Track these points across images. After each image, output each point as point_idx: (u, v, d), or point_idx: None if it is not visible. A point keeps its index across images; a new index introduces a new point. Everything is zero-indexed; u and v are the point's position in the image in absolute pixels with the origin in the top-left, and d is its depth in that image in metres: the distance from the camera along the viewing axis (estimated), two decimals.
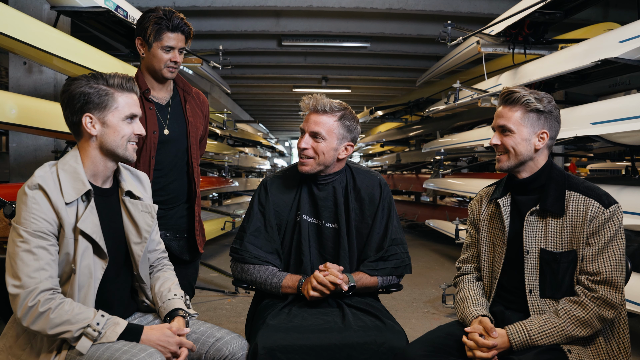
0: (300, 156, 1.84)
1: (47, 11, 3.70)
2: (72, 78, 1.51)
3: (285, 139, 25.64)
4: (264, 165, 11.14)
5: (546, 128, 1.61)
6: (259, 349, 1.54)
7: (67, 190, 1.43)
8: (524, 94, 1.60)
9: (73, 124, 1.50)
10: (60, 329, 1.35)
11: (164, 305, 1.59)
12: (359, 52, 7.21)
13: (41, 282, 1.37)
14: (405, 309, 4.04)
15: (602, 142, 3.10)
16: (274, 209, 1.88)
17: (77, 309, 1.38)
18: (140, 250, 1.58)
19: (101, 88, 1.47)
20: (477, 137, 5.02)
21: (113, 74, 1.51)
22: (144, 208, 1.61)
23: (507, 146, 1.62)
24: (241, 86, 9.98)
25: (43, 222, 1.39)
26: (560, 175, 1.63)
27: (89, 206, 1.46)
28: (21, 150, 3.87)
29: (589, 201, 1.55)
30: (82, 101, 1.46)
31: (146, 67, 2.09)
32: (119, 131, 1.49)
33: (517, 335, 1.52)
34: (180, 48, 2.06)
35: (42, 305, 1.35)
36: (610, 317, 1.52)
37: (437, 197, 8.63)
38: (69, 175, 1.45)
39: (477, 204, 1.82)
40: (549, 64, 3.48)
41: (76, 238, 1.43)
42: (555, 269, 1.57)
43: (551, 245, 1.58)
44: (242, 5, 5.28)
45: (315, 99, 1.81)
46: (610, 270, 1.51)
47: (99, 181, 1.54)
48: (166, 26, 2.00)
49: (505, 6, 4.80)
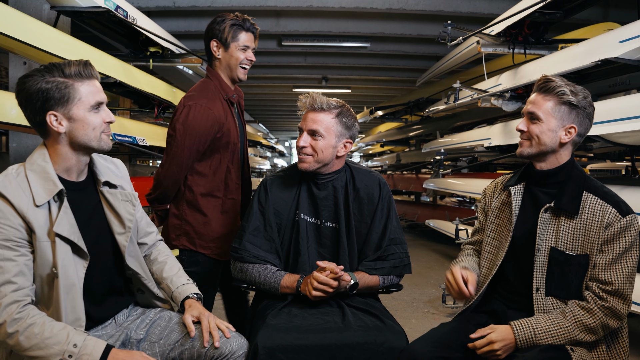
0: (299, 154, 1.84)
1: (47, 11, 3.69)
2: (25, 75, 1.40)
3: (285, 139, 25.63)
4: (264, 165, 11.15)
5: (575, 123, 1.56)
6: (259, 349, 1.54)
7: (37, 192, 1.36)
8: (560, 84, 1.55)
9: (37, 124, 1.41)
10: (33, 353, 1.29)
11: (178, 290, 1.60)
12: (359, 52, 7.20)
13: (5, 296, 1.30)
14: (405, 309, 4.04)
15: (602, 142, 3.09)
16: (273, 208, 1.88)
17: (48, 332, 1.30)
18: (124, 240, 1.53)
19: (59, 81, 1.37)
20: (477, 137, 5.02)
21: (68, 62, 1.40)
22: (124, 197, 1.55)
23: (532, 133, 1.58)
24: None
25: (8, 229, 1.32)
26: (580, 176, 1.60)
27: (62, 206, 1.39)
28: (21, 150, 3.87)
29: (606, 207, 1.52)
30: (42, 98, 1.36)
31: (223, 68, 2.16)
32: (88, 124, 1.41)
33: (522, 332, 1.50)
34: (253, 48, 2.17)
35: (9, 325, 1.29)
36: (615, 327, 1.51)
37: (437, 197, 8.62)
38: (38, 175, 1.38)
39: (490, 191, 1.80)
40: (549, 64, 3.48)
41: (53, 241, 1.36)
42: (565, 270, 1.55)
43: (562, 245, 1.56)
44: (242, 5, 5.27)
45: (312, 97, 1.81)
46: (623, 282, 1.49)
47: (73, 176, 1.47)
48: (242, 26, 2.12)
49: (505, 6, 4.80)
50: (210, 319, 1.52)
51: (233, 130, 2.13)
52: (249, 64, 2.16)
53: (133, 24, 3.68)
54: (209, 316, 1.53)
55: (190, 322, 1.51)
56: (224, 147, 2.11)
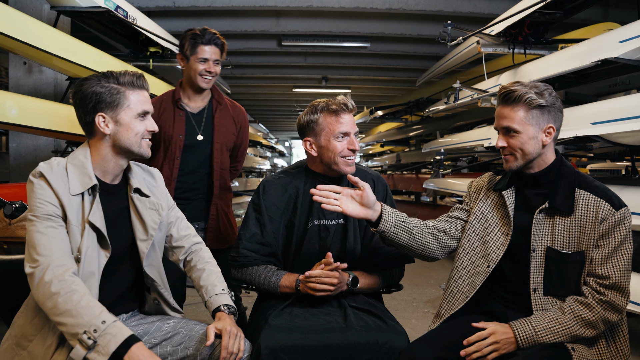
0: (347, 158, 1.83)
1: (47, 11, 3.70)
2: (83, 78, 1.52)
3: (285, 139, 25.63)
4: (264, 165, 11.13)
5: (551, 122, 1.57)
6: (261, 349, 1.54)
7: (73, 183, 1.45)
8: (524, 91, 1.54)
9: (86, 124, 1.52)
10: (63, 318, 1.31)
11: (210, 300, 1.59)
12: (359, 52, 7.20)
13: (53, 257, 1.37)
14: (405, 309, 4.04)
15: (602, 142, 3.09)
16: (271, 212, 1.88)
17: (84, 302, 1.33)
18: (145, 247, 1.57)
19: (112, 87, 1.48)
20: (477, 137, 5.02)
21: (123, 71, 1.51)
22: (152, 205, 1.61)
23: (514, 147, 1.58)
24: (241, 86, 9.97)
25: (50, 205, 1.41)
26: (570, 173, 1.60)
27: (95, 201, 1.47)
28: (21, 150, 3.87)
29: (600, 202, 1.52)
30: (95, 101, 1.47)
31: (186, 78, 2.38)
32: (132, 129, 1.51)
33: (522, 331, 1.50)
34: (215, 60, 2.32)
35: (54, 285, 1.33)
36: (615, 321, 1.51)
37: (437, 197, 8.62)
38: (77, 169, 1.48)
39: (476, 188, 1.78)
40: (549, 64, 3.48)
41: (83, 228, 1.44)
42: (562, 268, 1.55)
43: (558, 244, 1.56)
44: (242, 5, 5.28)
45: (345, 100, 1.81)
46: (620, 275, 1.50)
47: (108, 178, 1.55)
48: (200, 40, 2.28)
49: (505, 6, 4.80)
50: (231, 339, 1.48)
51: (167, 128, 2.32)
52: (208, 75, 2.33)
53: (133, 24, 3.68)
54: (230, 332, 1.48)
55: (211, 333, 1.48)
56: (158, 142, 2.33)
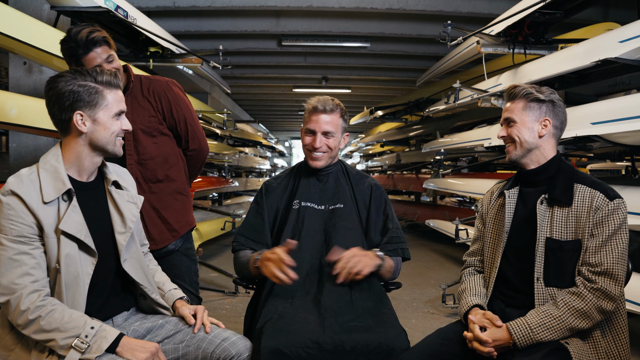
0: (312, 153, 1.97)
1: (47, 11, 3.69)
2: (56, 75, 1.49)
3: (285, 139, 25.63)
4: (264, 165, 11.14)
5: (548, 116, 1.68)
6: (261, 350, 1.54)
7: (46, 190, 1.43)
8: (525, 87, 1.70)
9: (61, 121, 1.49)
10: (48, 336, 1.36)
11: (171, 292, 1.72)
12: (359, 52, 7.21)
13: (26, 287, 1.37)
14: (405, 309, 4.04)
15: (602, 142, 3.10)
16: (269, 203, 2.01)
17: (67, 317, 1.38)
18: (123, 239, 1.57)
19: (90, 85, 1.47)
20: (477, 137, 5.02)
21: (99, 70, 1.51)
22: (130, 198, 1.63)
23: (512, 135, 1.70)
24: (241, 86, 9.98)
25: (22, 226, 1.39)
26: (568, 169, 1.68)
27: (70, 205, 1.45)
28: (21, 150, 3.87)
29: (595, 193, 1.59)
30: (72, 99, 1.46)
31: None
32: (108, 128, 1.51)
33: (518, 330, 1.53)
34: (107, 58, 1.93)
35: (32, 312, 1.36)
36: (610, 309, 1.52)
37: (437, 197, 8.63)
38: (49, 174, 1.46)
39: (487, 198, 1.89)
40: (549, 64, 3.48)
41: (58, 238, 1.42)
42: (560, 257, 1.59)
43: (557, 234, 1.61)
44: (242, 5, 5.28)
45: (322, 101, 1.95)
46: (612, 262, 1.53)
47: (83, 176, 1.54)
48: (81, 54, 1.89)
49: (505, 6, 4.80)
50: (205, 313, 1.64)
51: None
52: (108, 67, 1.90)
53: (133, 24, 3.68)
54: (204, 311, 1.65)
55: (187, 313, 1.63)
56: None
